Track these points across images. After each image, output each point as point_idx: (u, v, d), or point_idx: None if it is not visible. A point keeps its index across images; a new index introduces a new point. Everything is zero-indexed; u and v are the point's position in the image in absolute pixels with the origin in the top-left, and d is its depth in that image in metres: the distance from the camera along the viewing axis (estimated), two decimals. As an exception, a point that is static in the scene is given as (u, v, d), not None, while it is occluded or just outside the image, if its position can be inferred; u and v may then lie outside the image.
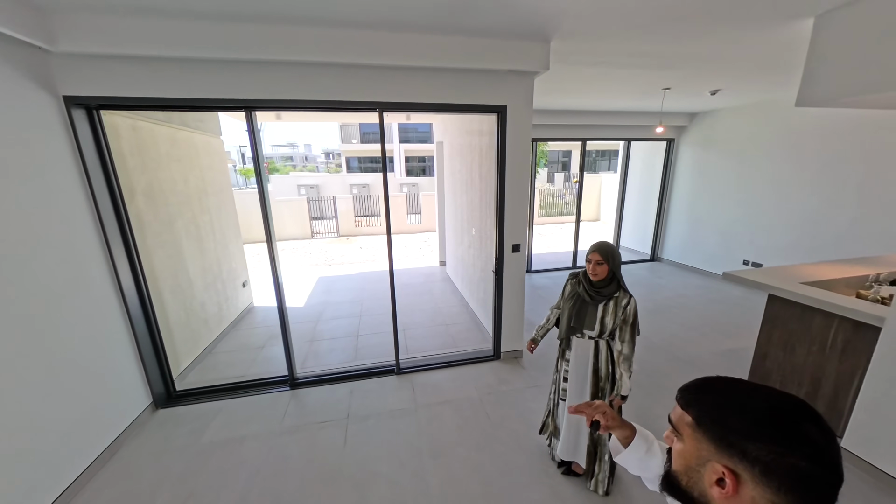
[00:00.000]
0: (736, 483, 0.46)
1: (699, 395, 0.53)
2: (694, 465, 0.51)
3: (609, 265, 1.71)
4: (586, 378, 1.87)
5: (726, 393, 0.51)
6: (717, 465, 0.48)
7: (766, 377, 2.59)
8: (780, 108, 4.55)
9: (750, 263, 5.09)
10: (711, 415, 0.50)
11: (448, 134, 5.20)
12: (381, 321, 4.27)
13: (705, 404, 0.51)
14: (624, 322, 1.71)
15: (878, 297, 2.28)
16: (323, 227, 10.88)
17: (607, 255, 1.72)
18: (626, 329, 1.71)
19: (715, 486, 0.48)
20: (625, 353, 1.72)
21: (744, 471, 0.45)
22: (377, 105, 2.55)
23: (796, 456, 0.43)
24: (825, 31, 2.08)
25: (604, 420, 0.84)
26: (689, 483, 0.52)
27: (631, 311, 1.70)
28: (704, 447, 0.50)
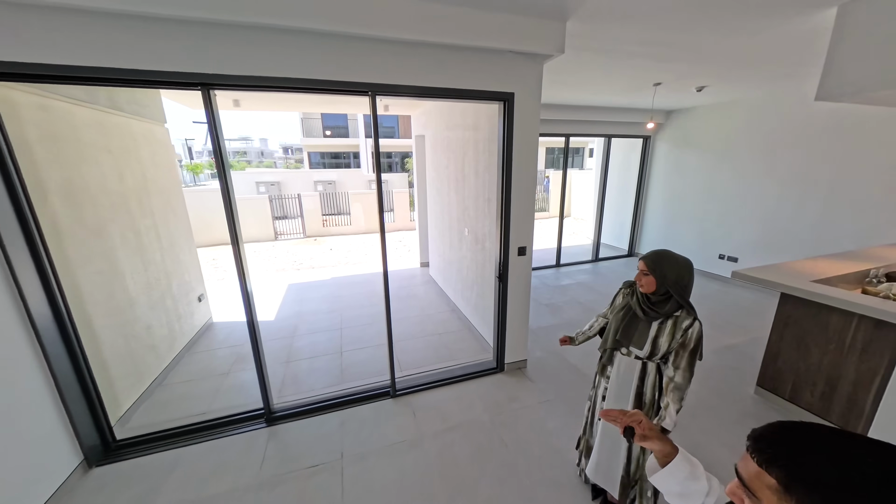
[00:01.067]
0: None
1: (788, 453, 0.44)
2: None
3: (656, 276, 1.46)
4: (628, 402, 1.63)
5: (823, 453, 0.42)
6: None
7: (781, 377, 2.55)
8: (753, 106, 4.69)
9: (726, 258, 5.26)
10: (808, 485, 0.41)
11: (431, 128, 4.84)
12: (366, 333, 3.85)
13: (797, 467, 0.42)
14: (682, 347, 1.45)
15: (890, 294, 2.28)
16: (287, 227, 10.05)
17: (655, 264, 1.47)
18: (684, 355, 1.44)
19: None
20: (677, 381, 1.45)
21: None
22: (368, 87, 2.15)
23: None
24: (849, 20, 1.99)
25: (639, 429, 0.78)
26: None
27: (693, 336, 1.43)
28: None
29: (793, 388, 2.50)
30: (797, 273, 2.65)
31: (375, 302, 4.75)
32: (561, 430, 2.38)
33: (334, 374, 3.13)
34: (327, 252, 8.19)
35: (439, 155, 4.59)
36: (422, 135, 5.38)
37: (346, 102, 4.41)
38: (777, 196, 4.58)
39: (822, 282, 2.51)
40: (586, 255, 6.80)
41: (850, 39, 2.00)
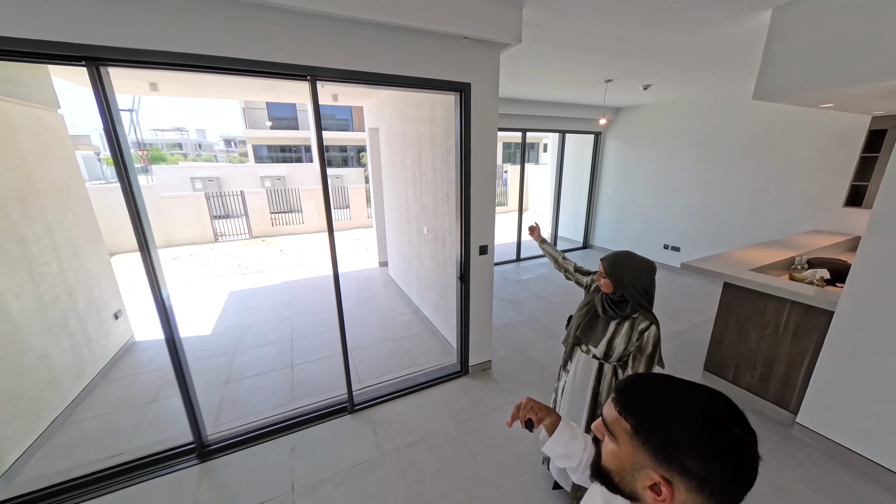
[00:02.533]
0: (672, 492, 0.48)
1: (637, 400, 0.54)
2: (628, 468, 0.52)
3: (612, 279, 1.43)
4: (584, 402, 1.61)
5: (663, 400, 0.52)
6: (652, 473, 0.49)
7: (725, 361, 2.70)
8: (693, 105, 5.01)
9: (670, 247, 5.63)
10: (651, 427, 0.50)
11: (385, 120, 4.57)
12: (322, 343, 3.56)
13: (644, 413, 0.52)
14: (640, 351, 1.41)
15: (815, 280, 2.50)
16: (230, 227, 9.16)
17: (612, 267, 1.43)
18: (642, 360, 1.41)
19: (648, 490, 0.50)
20: None
21: (680, 482, 0.48)
22: (307, 71, 1.89)
23: (729, 466, 0.46)
24: (782, 23, 2.10)
25: (535, 415, 0.86)
26: (620, 481, 0.54)
27: (649, 339, 1.39)
28: (641, 455, 0.51)
29: (735, 371, 2.67)
30: (736, 262, 2.83)
31: (332, 307, 4.41)
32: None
33: (284, 392, 2.82)
34: (277, 254, 7.58)
35: (395, 149, 4.35)
36: (375, 128, 5.09)
37: (286, 89, 3.99)
38: (714, 189, 4.95)
39: (757, 270, 2.70)
40: (544, 249, 6.94)
41: (783, 42, 2.11)
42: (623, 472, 0.53)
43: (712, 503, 0.47)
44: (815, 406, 2.20)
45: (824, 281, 2.55)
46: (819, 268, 2.68)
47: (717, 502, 0.47)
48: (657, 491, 0.49)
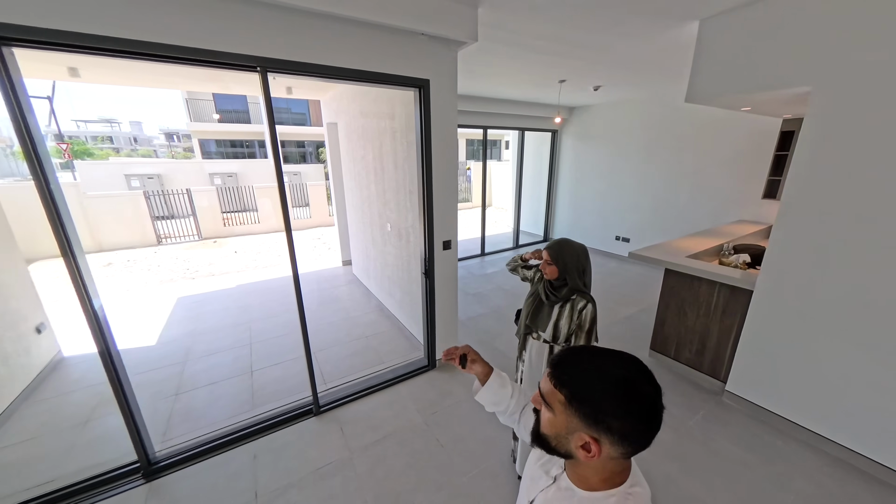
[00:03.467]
0: (599, 448, 0.57)
1: (568, 374, 0.60)
2: (563, 433, 0.60)
3: (558, 265, 1.55)
4: (537, 381, 1.72)
5: (588, 372, 0.60)
6: (583, 434, 0.58)
7: (668, 340, 2.98)
8: (638, 106, 5.39)
9: (621, 238, 6.04)
10: (579, 396, 0.58)
11: (344, 114, 4.45)
12: (283, 346, 3.42)
13: (575, 386, 0.59)
14: (579, 328, 1.54)
15: (739, 264, 2.82)
16: (175, 228, 8.44)
17: (556, 254, 1.55)
18: (581, 336, 1.54)
19: (580, 448, 0.58)
20: None
21: (605, 439, 0.56)
22: (257, 62, 1.80)
23: (643, 420, 0.56)
24: (707, 34, 2.33)
25: (471, 354, 0.95)
26: (557, 445, 0.62)
27: (587, 317, 1.52)
28: (574, 421, 0.58)
29: (676, 349, 2.95)
30: (676, 250, 3.11)
31: (292, 309, 4.25)
32: (493, 419, 2.41)
33: (243, 399, 2.69)
34: (231, 256, 7.12)
35: (355, 144, 4.26)
36: (334, 122, 4.93)
37: (235, 80, 3.75)
38: (658, 184, 5.37)
39: (693, 257, 2.99)
40: (508, 243, 7.17)
41: (708, 51, 2.34)
42: (559, 437, 0.61)
43: (630, 450, 0.58)
44: (741, 375, 2.49)
45: (746, 264, 2.89)
46: (742, 253, 3.03)
47: (633, 449, 0.58)
48: (587, 449, 0.58)
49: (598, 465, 0.61)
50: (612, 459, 0.60)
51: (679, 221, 5.15)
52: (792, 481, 1.95)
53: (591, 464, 0.61)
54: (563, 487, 0.66)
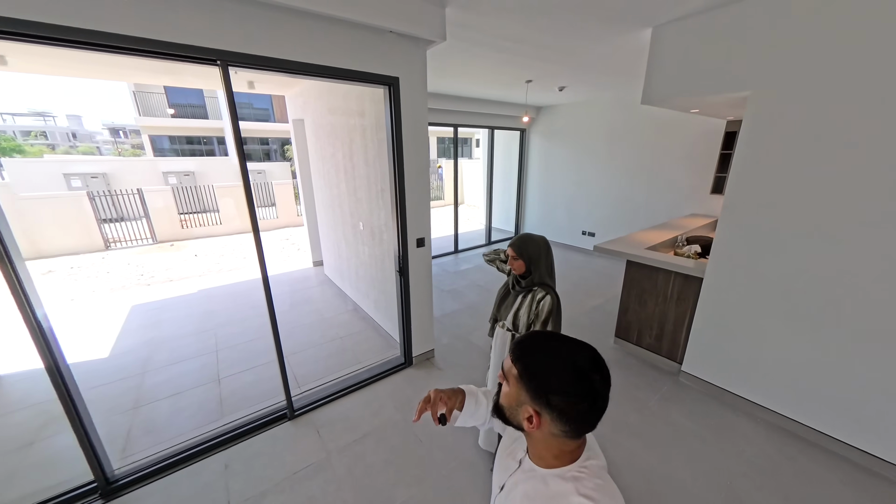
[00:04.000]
0: (539, 420, 0.64)
1: (525, 352, 0.67)
2: (514, 405, 0.67)
3: (524, 259, 1.61)
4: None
5: (543, 352, 0.66)
6: (528, 407, 0.64)
7: (630, 327, 3.17)
8: (601, 106, 5.65)
9: (586, 233, 6.32)
10: (529, 371, 0.64)
11: (311, 111, 4.33)
12: (253, 351, 3.30)
13: (528, 361, 0.65)
14: (536, 318, 1.59)
15: (691, 254, 3.05)
16: (125, 231, 7.82)
17: (520, 249, 1.61)
18: (537, 325, 1.59)
19: (525, 420, 0.65)
20: None
21: (546, 413, 0.62)
22: (218, 55, 1.73)
23: (583, 403, 0.61)
24: (659, 40, 2.50)
25: (443, 406, 0.88)
26: (510, 416, 0.69)
27: (544, 309, 1.56)
28: (523, 394, 0.65)
29: (638, 335, 3.15)
30: (636, 243, 3.32)
31: (262, 312, 4.10)
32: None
33: (211, 408, 2.57)
34: (191, 259, 6.72)
35: (323, 142, 4.16)
36: (300, 119, 4.78)
37: (192, 73, 3.54)
38: (619, 180, 5.67)
39: (651, 249, 3.20)
40: (481, 240, 7.28)
41: (660, 56, 2.51)
42: (511, 408, 0.68)
43: (571, 428, 0.63)
44: (694, 356, 2.72)
45: (697, 254, 3.14)
46: (694, 244, 3.28)
47: (575, 427, 0.63)
48: (531, 421, 0.64)
49: (546, 441, 0.66)
50: (556, 437, 0.64)
51: (639, 216, 5.47)
52: (741, 450, 2.16)
53: (540, 439, 0.67)
54: (527, 469, 0.71)
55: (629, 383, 2.79)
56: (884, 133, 1.76)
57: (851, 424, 2.06)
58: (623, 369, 2.97)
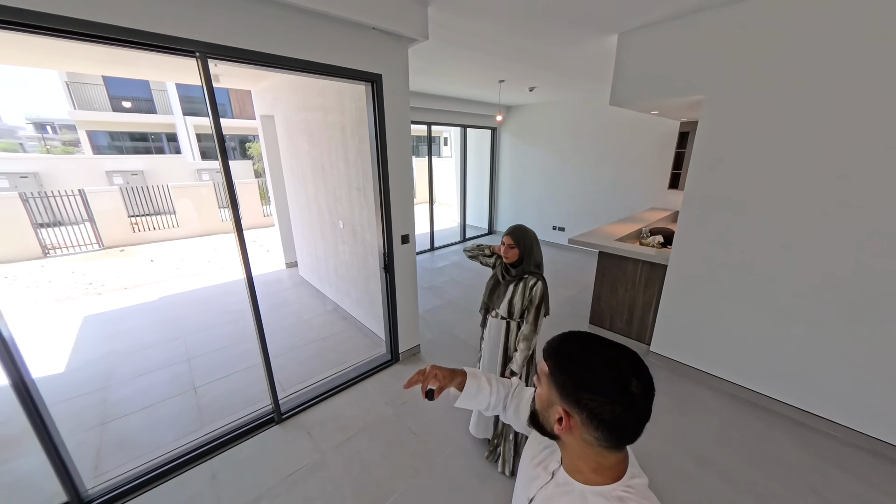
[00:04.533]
0: (569, 422, 0.59)
1: (557, 349, 0.63)
2: (546, 406, 0.63)
3: (520, 248, 1.72)
4: (497, 357, 1.89)
5: (576, 349, 0.62)
6: (559, 407, 0.60)
7: (603, 314, 3.40)
8: (569, 106, 5.93)
9: (557, 228, 6.61)
10: (560, 368, 0.61)
11: (282, 107, 4.18)
12: (228, 358, 3.16)
13: (558, 359, 0.62)
14: (530, 303, 1.72)
15: (655, 244, 3.32)
16: (67, 237, 7.09)
17: (518, 238, 1.72)
18: (532, 310, 1.72)
19: (556, 423, 0.60)
20: (524, 332, 1.74)
21: (576, 414, 0.58)
22: (196, 46, 1.65)
23: (616, 406, 0.55)
24: (625, 46, 2.70)
25: (437, 383, 0.87)
26: (543, 419, 0.65)
27: (537, 293, 1.70)
28: (553, 393, 0.61)
29: (610, 320, 3.38)
30: (606, 235, 3.55)
31: (233, 318, 3.93)
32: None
33: (189, 418, 2.45)
34: (147, 265, 6.23)
35: (297, 139, 4.03)
36: (269, 115, 4.60)
37: (148, 63, 3.29)
38: (586, 177, 5.98)
39: (619, 240, 3.44)
40: (456, 237, 7.38)
41: (626, 61, 2.71)
42: (544, 411, 0.64)
43: (605, 436, 0.57)
44: (661, 337, 2.97)
45: (661, 244, 3.42)
46: (657, 234, 3.57)
47: (609, 435, 0.57)
48: (560, 422, 0.60)
49: (581, 450, 0.60)
50: (591, 446, 0.59)
51: (605, 210, 5.81)
52: (705, 418, 2.41)
53: (574, 447, 0.61)
54: (562, 482, 0.65)
55: (605, 366, 2.99)
56: (821, 132, 2.04)
57: (798, 390, 2.36)
58: (598, 353, 3.18)
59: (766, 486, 1.91)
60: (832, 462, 2.05)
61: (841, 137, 1.97)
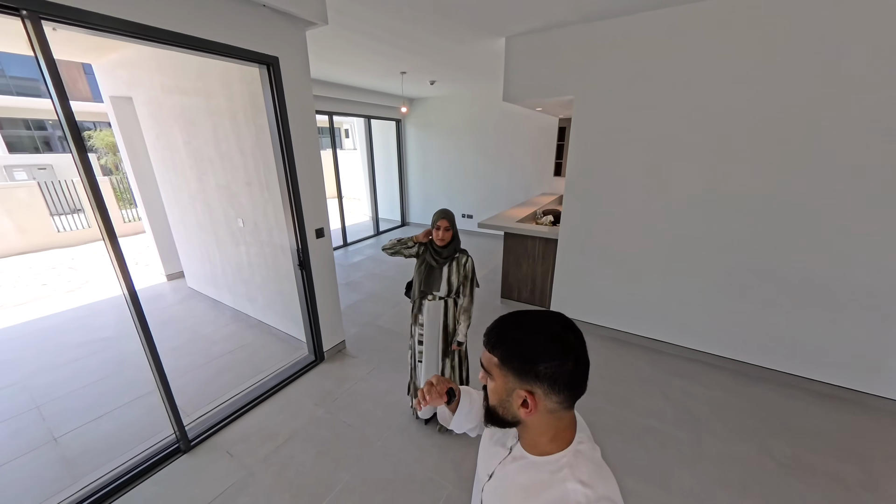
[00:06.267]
0: (534, 400, 0.59)
1: (499, 337, 0.63)
2: (504, 396, 0.62)
3: (454, 230, 1.89)
4: (438, 336, 2.02)
5: (515, 331, 0.62)
6: (520, 391, 0.60)
7: (511, 287, 3.84)
8: (467, 100, 6.31)
9: (466, 216, 7.06)
10: (510, 352, 0.61)
11: (144, 88, 3.48)
12: (102, 394, 2.61)
13: (505, 344, 0.61)
14: (465, 278, 1.94)
15: (547, 223, 3.88)
16: None
17: (452, 220, 1.90)
18: (467, 284, 1.95)
19: (521, 408, 0.60)
20: (464, 305, 1.96)
21: (538, 388, 0.59)
22: (22, 3, 1.31)
23: (567, 363, 0.58)
24: (512, 48, 3.05)
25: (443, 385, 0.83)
26: (504, 412, 0.63)
27: (470, 268, 1.94)
28: (510, 380, 0.61)
29: (518, 292, 3.86)
30: (508, 218, 4.00)
31: (100, 347, 3.21)
32: (393, 386, 2.63)
33: (53, 477, 1.96)
34: (-66, 299, 4.50)
35: (170, 127, 3.42)
36: (126, 96, 3.78)
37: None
38: (486, 167, 6.51)
39: (520, 221, 3.92)
40: (369, 231, 7.25)
41: (513, 62, 3.07)
42: (503, 402, 0.63)
43: (564, 396, 0.59)
44: (558, 300, 3.52)
45: (551, 223, 4.01)
46: (548, 215, 4.17)
47: (567, 395, 0.60)
48: (526, 405, 0.59)
49: (542, 424, 0.62)
50: (553, 413, 0.60)
51: (505, 196, 6.45)
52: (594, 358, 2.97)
53: (537, 424, 0.62)
54: (518, 456, 0.67)
55: (516, 331, 3.42)
56: (668, 126, 2.67)
57: (650, 325, 3.10)
58: (511, 322, 3.60)
59: (631, 398, 2.50)
60: (674, 373, 2.78)
61: (668, 135, 2.63)
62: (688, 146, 2.57)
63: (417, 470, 1.97)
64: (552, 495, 0.58)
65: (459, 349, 2.06)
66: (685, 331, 2.95)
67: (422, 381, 2.10)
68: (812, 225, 2.33)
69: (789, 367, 2.62)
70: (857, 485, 1.86)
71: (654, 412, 2.37)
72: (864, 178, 2.14)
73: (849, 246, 2.26)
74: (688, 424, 2.27)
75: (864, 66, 2.02)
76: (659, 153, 2.68)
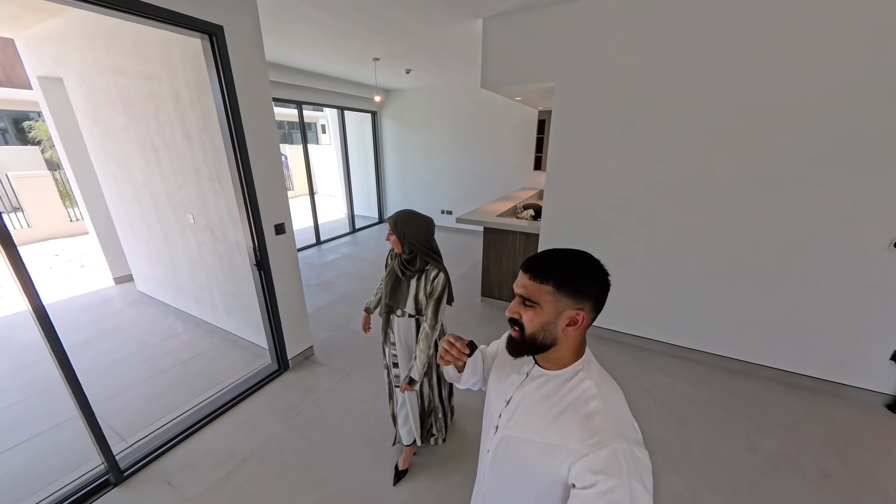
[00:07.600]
0: (584, 317, 0.68)
1: (552, 267, 0.69)
2: (552, 319, 0.68)
3: (397, 235, 1.51)
4: (411, 357, 1.71)
5: (563, 260, 0.70)
6: (570, 311, 0.67)
7: (492, 285, 3.68)
8: (445, 91, 6.09)
9: (446, 212, 6.87)
10: (566, 279, 0.67)
11: (74, 66, 3.06)
12: (21, 418, 2.26)
13: (559, 271, 0.68)
14: (430, 296, 1.56)
15: (527, 217, 3.74)
16: None
17: (395, 224, 1.51)
18: (431, 303, 1.55)
19: (566, 327, 0.68)
20: (425, 329, 1.56)
21: (587, 305, 0.67)
22: None
23: (606, 283, 0.69)
24: (489, 31, 2.86)
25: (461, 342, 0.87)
26: (544, 336, 0.69)
27: (438, 284, 1.54)
28: (563, 303, 0.67)
29: (498, 290, 3.70)
30: (488, 213, 3.83)
31: (25, 363, 2.81)
32: (366, 395, 2.41)
33: (-53, 522, 1.62)
34: None
35: (107, 111, 3.03)
36: (55, 77, 3.33)
37: None
38: (464, 161, 6.33)
39: (501, 216, 3.76)
40: (344, 229, 6.92)
41: (491, 45, 2.89)
42: (546, 326, 0.68)
43: (597, 313, 0.70)
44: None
45: (532, 217, 3.88)
46: (529, 209, 4.04)
47: (598, 311, 0.70)
48: (574, 322, 0.67)
49: (576, 338, 0.71)
50: (585, 328, 0.70)
51: (485, 191, 6.29)
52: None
53: (571, 339, 0.70)
54: (536, 376, 0.75)
55: (489, 329, 3.26)
56: (650, 117, 2.55)
57: (631, 322, 3.01)
58: (492, 321, 3.44)
59: (620, 399, 2.39)
60: (658, 369, 2.70)
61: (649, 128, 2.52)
62: (673, 139, 2.47)
63: (390, 491, 1.76)
64: (573, 394, 0.69)
65: (410, 390, 1.58)
66: (667, 327, 2.87)
67: (398, 406, 1.85)
68: (792, 219, 2.28)
69: (770, 361, 2.59)
70: (842, 479, 1.81)
71: (640, 412, 2.26)
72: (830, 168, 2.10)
73: (826, 241, 2.23)
74: (675, 424, 2.17)
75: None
76: (642, 146, 2.57)
